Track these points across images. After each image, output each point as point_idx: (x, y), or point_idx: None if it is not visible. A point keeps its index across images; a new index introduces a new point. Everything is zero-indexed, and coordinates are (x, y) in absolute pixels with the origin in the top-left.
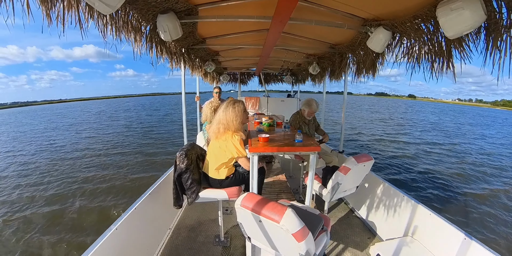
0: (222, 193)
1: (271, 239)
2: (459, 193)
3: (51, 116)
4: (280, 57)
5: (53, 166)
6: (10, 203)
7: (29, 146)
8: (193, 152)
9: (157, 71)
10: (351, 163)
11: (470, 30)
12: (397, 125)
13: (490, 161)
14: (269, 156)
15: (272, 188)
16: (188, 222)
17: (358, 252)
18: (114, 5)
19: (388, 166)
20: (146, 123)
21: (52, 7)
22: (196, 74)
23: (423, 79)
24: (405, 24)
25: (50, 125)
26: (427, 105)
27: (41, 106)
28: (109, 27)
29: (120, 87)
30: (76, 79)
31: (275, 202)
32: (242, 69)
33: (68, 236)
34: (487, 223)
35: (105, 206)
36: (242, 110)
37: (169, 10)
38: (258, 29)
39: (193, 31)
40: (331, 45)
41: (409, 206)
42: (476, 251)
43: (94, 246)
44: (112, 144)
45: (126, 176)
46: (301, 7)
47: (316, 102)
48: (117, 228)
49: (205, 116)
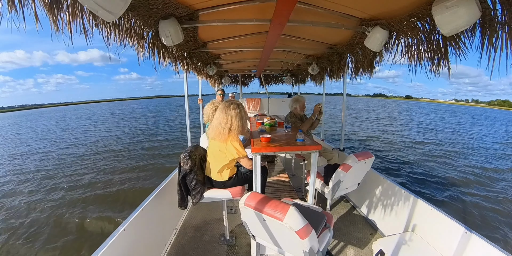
0: (226, 193)
1: (275, 237)
2: (460, 190)
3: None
4: (280, 59)
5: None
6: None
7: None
8: (196, 153)
9: (161, 74)
10: (352, 161)
11: (465, 27)
12: (398, 124)
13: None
14: (271, 156)
15: (275, 187)
16: (194, 222)
17: (360, 248)
18: (116, 12)
19: (389, 163)
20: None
21: (58, 15)
22: (199, 77)
23: (421, 80)
24: (401, 22)
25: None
26: (423, 105)
27: (49, 108)
28: (113, 33)
29: (125, 90)
30: (81, 83)
31: (278, 201)
32: (243, 71)
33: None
34: (486, 217)
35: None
36: (238, 113)
37: (170, 16)
38: (257, 32)
39: (194, 36)
40: (330, 45)
41: (410, 201)
42: (477, 244)
43: (103, 247)
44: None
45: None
46: (298, 9)
47: (300, 96)
48: (125, 229)
49: (207, 116)
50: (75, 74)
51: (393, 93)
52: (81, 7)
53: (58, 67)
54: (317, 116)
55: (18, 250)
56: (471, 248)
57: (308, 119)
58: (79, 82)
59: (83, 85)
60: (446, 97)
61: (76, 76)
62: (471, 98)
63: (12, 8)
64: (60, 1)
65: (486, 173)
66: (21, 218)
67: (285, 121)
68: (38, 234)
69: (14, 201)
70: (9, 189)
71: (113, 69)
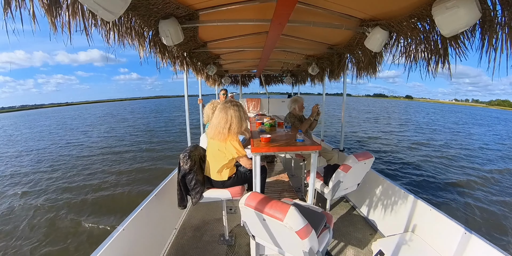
0: (226, 193)
1: (275, 237)
2: (460, 191)
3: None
4: (280, 59)
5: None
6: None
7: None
8: (196, 153)
9: (161, 74)
10: (352, 161)
11: (465, 28)
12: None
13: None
14: (271, 156)
15: (274, 187)
16: (193, 222)
17: (360, 248)
18: (117, 12)
19: (389, 164)
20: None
21: (57, 15)
22: (199, 77)
23: (421, 80)
24: (401, 23)
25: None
26: (423, 105)
27: (50, 108)
28: (112, 33)
29: (125, 90)
30: (81, 83)
31: (278, 201)
32: (243, 71)
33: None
34: (487, 218)
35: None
36: (238, 113)
37: (171, 16)
38: (257, 32)
39: (195, 35)
40: (330, 45)
41: (409, 202)
42: (476, 244)
43: (102, 246)
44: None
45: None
46: (299, 9)
47: (299, 97)
48: (124, 229)
49: (207, 116)
50: (75, 74)
51: (393, 93)
52: (81, 6)
53: (58, 68)
54: (315, 117)
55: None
56: (470, 249)
57: (306, 120)
58: (79, 82)
59: (83, 85)
60: (446, 97)
61: (76, 76)
62: (471, 98)
63: (7, 9)
64: (59, 1)
65: (486, 173)
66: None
67: (284, 121)
68: (37, 234)
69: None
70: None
71: (113, 69)
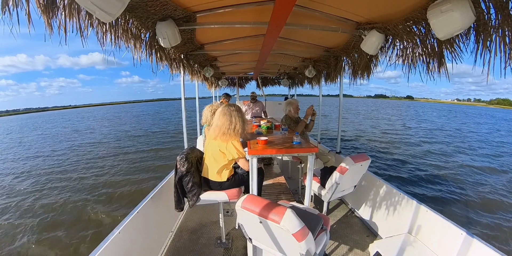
0: (223, 195)
1: (272, 239)
2: (458, 192)
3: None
4: (277, 61)
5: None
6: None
7: None
8: (193, 155)
9: (162, 77)
10: (348, 163)
11: (460, 31)
12: (395, 126)
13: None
14: (268, 158)
15: (271, 190)
16: (190, 225)
17: (357, 250)
18: (114, 13)
19: (385, 166)
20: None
21: (53, 16)
22: (195, 79)
23: (422, 80)
24: (397, 26)
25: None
26: (423, 105)
27: (54, 111)
28: (109, 34)
29: (127, 93)
30: (84, 86)
31: (274, 203)
32: (240, 73)
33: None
34: (486, 217)
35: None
36: (241, 116)
37: (168, 18)
38: (255, 35)
39: (192, 38)
40: (326, 48)
41: (407, 203)
42: (475, 246)
43: (98, 250)
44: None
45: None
46: (296, 12)
47: (293, 99)
48: (120, 232)
49: (205, 118)
50: (77, 78)
51: (394, 93)
52: (78, 7)
53: (60, 71)
54: (312, 117)
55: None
56: (468, 250)
57: (301, 121)
58: (82, 85)
59: (85, 88)
60: (448, 97)
61: (78, 79)
62: (473, 97)
63: (4, 8)
64: (56, 2)
65: (485, 173)
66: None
67: (281, 124)
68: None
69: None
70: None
71: (115, 73)
